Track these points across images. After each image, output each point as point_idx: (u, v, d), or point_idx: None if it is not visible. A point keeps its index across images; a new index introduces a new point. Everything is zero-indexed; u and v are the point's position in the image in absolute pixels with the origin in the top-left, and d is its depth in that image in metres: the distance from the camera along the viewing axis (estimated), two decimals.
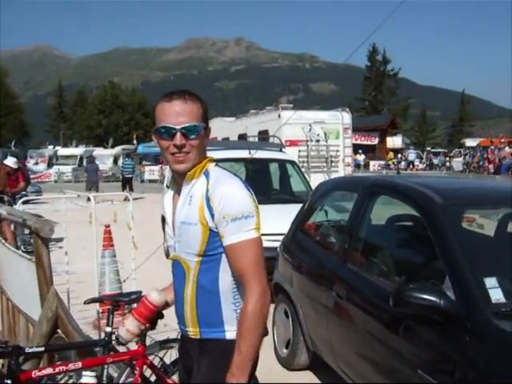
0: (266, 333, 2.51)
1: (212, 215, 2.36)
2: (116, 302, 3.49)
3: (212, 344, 2.46)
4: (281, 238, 6.30)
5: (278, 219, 7.73)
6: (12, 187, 12.44)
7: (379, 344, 3.68)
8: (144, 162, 43.57)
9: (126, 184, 27.31)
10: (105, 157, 44.78)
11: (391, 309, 3.30)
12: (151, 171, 41.76)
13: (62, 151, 49.29)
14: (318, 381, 5.31)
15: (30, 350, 3.28)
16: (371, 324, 3.82)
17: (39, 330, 3.40)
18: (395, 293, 3.16)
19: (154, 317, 2.96)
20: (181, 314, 2.55)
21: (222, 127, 21.83)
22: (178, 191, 2.53)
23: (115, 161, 45.68)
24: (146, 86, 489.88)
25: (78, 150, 48.67)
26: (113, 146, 57.09)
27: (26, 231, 11.59)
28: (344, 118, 16.76)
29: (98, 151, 47.38)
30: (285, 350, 5.61)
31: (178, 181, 2.53)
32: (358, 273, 4.25)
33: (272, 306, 6.13)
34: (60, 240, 11.01)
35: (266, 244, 7.13)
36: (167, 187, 2.65)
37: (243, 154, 9.96)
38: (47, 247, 3.45)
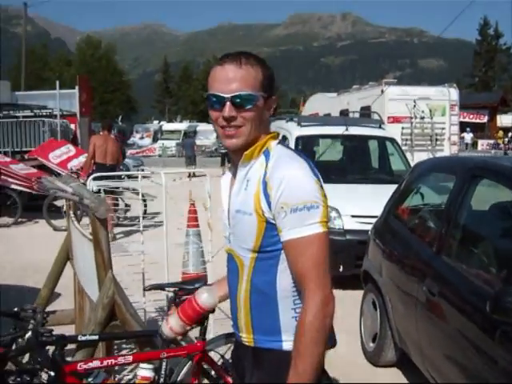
0: (333, 343, 2.14)
1: (269, 204, 1.97)
2: (178, 290, 3.19)
3: (267, 354, 2.08)
4: (374, 220, 5.85)
5: (374, 200, 7.31)
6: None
7: (472, 349, 3.20)
8: None
9: (225, 158, 27.27)
10: (208, 132, 45.22)
11: (488, 312, 2.82)
12: None
13: (167, 126, 50.40)
14: (405, 381, 4.86)
15: (83, 338, 3.06)
16: (465, 326, 3.33)
17: (94, 317, 3.17)
18: (494, 298, 2.68)
19: (201, 318, 2.65)
20: (234, 316, 2.19)
21: (323, 103, 21.41)
22: (235, 173, 2.16)
23: (218, 136, 46.10)
24: None
25: (182, 125, 49.54)
26: None
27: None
28: (451, 94, 15.90)
29: (202, 126, 48.08)
30: (371, 344, 5.18)
31: (234, 161, 2.15)
32: (454, 267, 3.74)
33: (360, 295, 5.74)
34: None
35: (357, 226, 6.90)
36: (228, 168, 2.28)
37: (341, 130, 9.48)
38: (105, 228, 3.20)
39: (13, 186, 12.74)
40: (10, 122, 17.86)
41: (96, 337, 3.09)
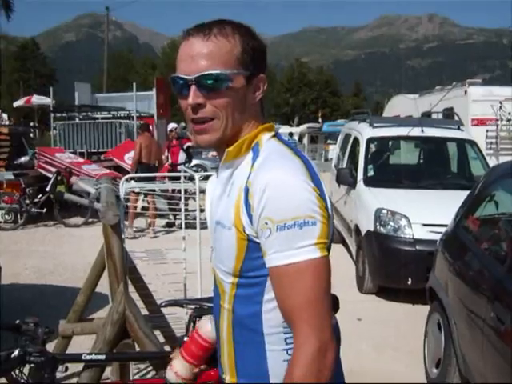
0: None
1: (250, 217, 1.50)
2: (199, 308, 2.81)
3: None
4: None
5: (449, 207, 6.69)
6: (174, 160, 12.51)
7: None
8: (328, 141, 43.12)
9: None
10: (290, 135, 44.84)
11: None
12: (334, 150, 41.26)
13: None
14: None
15: (88, 358, 2.72)
16: None
17: (102, 334, 2.82)
18: None
19: (210, 354, 2.09)
20: (218, 352, 1.74)
21: (404, 105, 20.65)
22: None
23: (300, 139, 45.74)
24: (338, 65, 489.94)
25: None
26: (298, 124, 57.32)
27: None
28: None
29: (283, 129, 47.78)
30: (435, 370, 4.62)
31: (219, 159, 1.70)
32: None
33: (425, 312, 5.19)
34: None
35: (429, 236, 6.31)
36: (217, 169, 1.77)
37: (416, 132, 8.87)
38: (118, 235, 2.85)
39: None
40: (89, 124, 18.14)
41: (103, 356, 2.73)
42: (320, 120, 55.92)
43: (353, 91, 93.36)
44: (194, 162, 20.50)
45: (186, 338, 2.80)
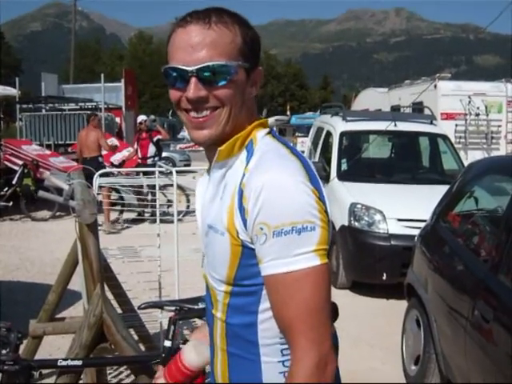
0: None
1: (244, 221, 1.39)
2: (179, 310, 2.70)
3: None
4: (422, 225, 5.25)
5: (423, 202, 6.72)
6: (144, 152, 12.31)
7: None
8: (297, 134, 43.21)
9: None
10: None
11: None
12: (303, 143, 41.32)
13: None
14: None
15: (64, 363, 2.60)
16: None
17: (78, 339, 2.69)
18: None
19: (194, 379, 1.98)
20: (211, 361, 1.63)
21: (374, 98, 20.73)
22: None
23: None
24: (305, 58, 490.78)
25: None
26: (267, 117, 57.23)
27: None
28: (508, 89, 14.98)
29: None
30: (413, 367, 4.57)
31: (208, 158, 1.58)
32: None
33: (403, 309, 5.15)
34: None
35: (404, 231, 6.29)
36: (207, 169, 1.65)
37: (387, 125, 8.82)
38: (95, 235, 2.72)
39: None
40: (55, 115, 17.82)
41: (79, 362, 2.61)
42: (288, 113, 55.89)
43: (321, 84, 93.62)
44: (163, 154, 20.33)
45: (167, 343, 2.71)
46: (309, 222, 1.33)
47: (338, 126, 9.10)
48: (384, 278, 6.77)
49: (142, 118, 13.01)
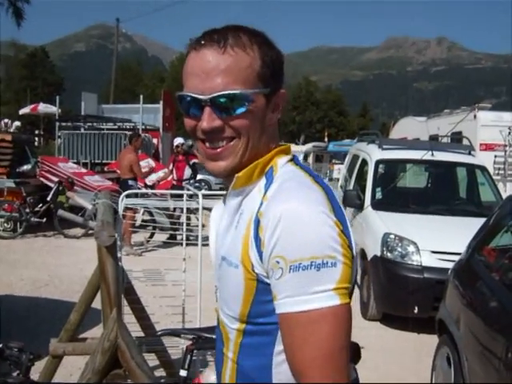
0: None
1: (260, 254, 1.28)
2: (197, 339, 2.61)
3: None
4: (456, 258, 5.09)
5: (459, 234, 6.54)
6: (179, 175, 12.37)
7: None
8: (334, 161, 43.13)
9: None
10: (296, 153, 44.64)
11: None
12: (339, 170, 41.18)
13: None
14: None
15: None
16: None
17: (92, 363, 2.60)
18: None
19: None
20: None
21: (412, 127, 20.55)
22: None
23: (305, 157, 45.78)
24: (345, 85, 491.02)
25: None
26: (304, 143, 57.28)
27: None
28: None
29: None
30: None
31: (225, 185, 1.48)
32: None
33: (434, 344, 4.96)
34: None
35: (438, 264, 6.10)
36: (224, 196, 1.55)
37: (426, 155, 8.65)
38: (114, 257, 2.65)
39: None
40: (94, 134, 18.02)
41: None
42: (326, 139, 55.82)
43: (360, 112, 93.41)
44: (199, 176, 20.35)
45: (182, 373, 2.61)
46: (329, 258, 1.21)
47: (373, 153, 8.98)
48: (415, 311, 6.57)
49: (179, 141, 13.05)
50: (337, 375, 1.21)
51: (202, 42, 1.33)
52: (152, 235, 11.23)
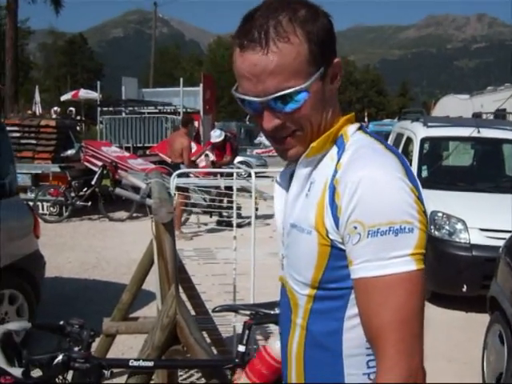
0: None
1: (336, 220, 1.28)
2: (255, 315, 2.62)
3: None
4: (506, 235, 5.01)
5: (506, 212, 6.47)
6: (218, 159, 12.37)
7: None
8: None
9: None
10: None
11: None
12: None
13: None
14: None
15: (135, 364, 2.57)
16: None
17: (151, 340, 2.64)
18: None
19: (278, 377, 1.85)
20: (284, 374, 1.52)
21: (454, 105, 20.29)
22: (294, 171, 1.47)
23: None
24: (384, 65, 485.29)
25: None
26: None
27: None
28: None
29: None
30: None
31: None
32: None
33: (487, 320, 4.90)
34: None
35: (486, 241, 6.03)
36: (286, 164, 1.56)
37: (470, 132, 8.50)
38: (171, 234, 2.67)
39: None
40: (135, 118, 18.18)
41: (151, 363, 2.57)
42: (366, 119, 55.34)
43: (399, 91, 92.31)
44: (239, 158, 20.38)
45: (240, 348, 2.63)
46: (407, 223, 1.22)
47: (418, 131, 8.85)
48: (464, 289, 6.51)
49: (216, 135, 12.59)
50: (413, 339, 1.22)
51: (245, 43, 1.30)
52: (211, 214, 11.30)
